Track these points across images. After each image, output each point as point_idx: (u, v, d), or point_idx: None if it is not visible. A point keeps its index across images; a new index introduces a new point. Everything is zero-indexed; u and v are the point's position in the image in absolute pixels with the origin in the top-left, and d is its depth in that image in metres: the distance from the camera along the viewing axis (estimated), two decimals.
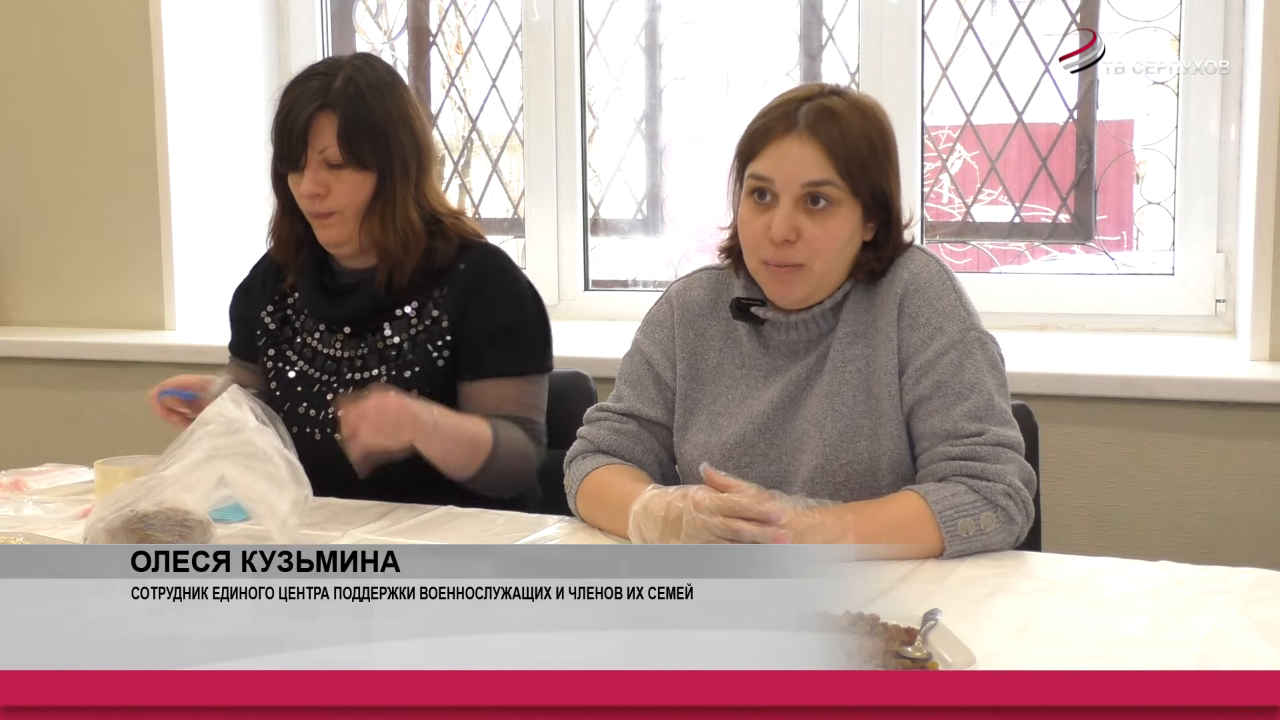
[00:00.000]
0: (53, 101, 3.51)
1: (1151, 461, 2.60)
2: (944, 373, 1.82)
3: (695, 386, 1.98)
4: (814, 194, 1.83)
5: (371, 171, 2.15)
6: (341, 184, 2.14)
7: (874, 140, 1.85)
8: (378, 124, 2.14)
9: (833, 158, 1.82)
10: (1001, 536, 1.77)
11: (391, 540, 1.88)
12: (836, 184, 1.83)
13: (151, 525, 1.78)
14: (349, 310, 2.22)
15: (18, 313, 3.64)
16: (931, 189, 3.15)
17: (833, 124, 1.83)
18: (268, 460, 1.84)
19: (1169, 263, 2.94)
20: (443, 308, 2.20)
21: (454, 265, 2.21)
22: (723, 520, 1.67)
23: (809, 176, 1.83)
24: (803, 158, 1.83)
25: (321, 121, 2.12)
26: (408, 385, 2.17)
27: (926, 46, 3.06)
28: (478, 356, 2.19)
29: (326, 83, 2.14)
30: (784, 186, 1.83)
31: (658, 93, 3.38)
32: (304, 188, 2.15)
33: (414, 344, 2.20)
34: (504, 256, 2.27)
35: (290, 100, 2.15)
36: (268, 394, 2.29)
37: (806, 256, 1.84)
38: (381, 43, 3.64)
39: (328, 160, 2.13)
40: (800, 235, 1.83)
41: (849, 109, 1.86)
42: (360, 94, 2.14)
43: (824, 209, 1.83)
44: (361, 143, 2.13)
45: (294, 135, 2.13)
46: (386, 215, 2.16)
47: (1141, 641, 1.43)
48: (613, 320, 3.22)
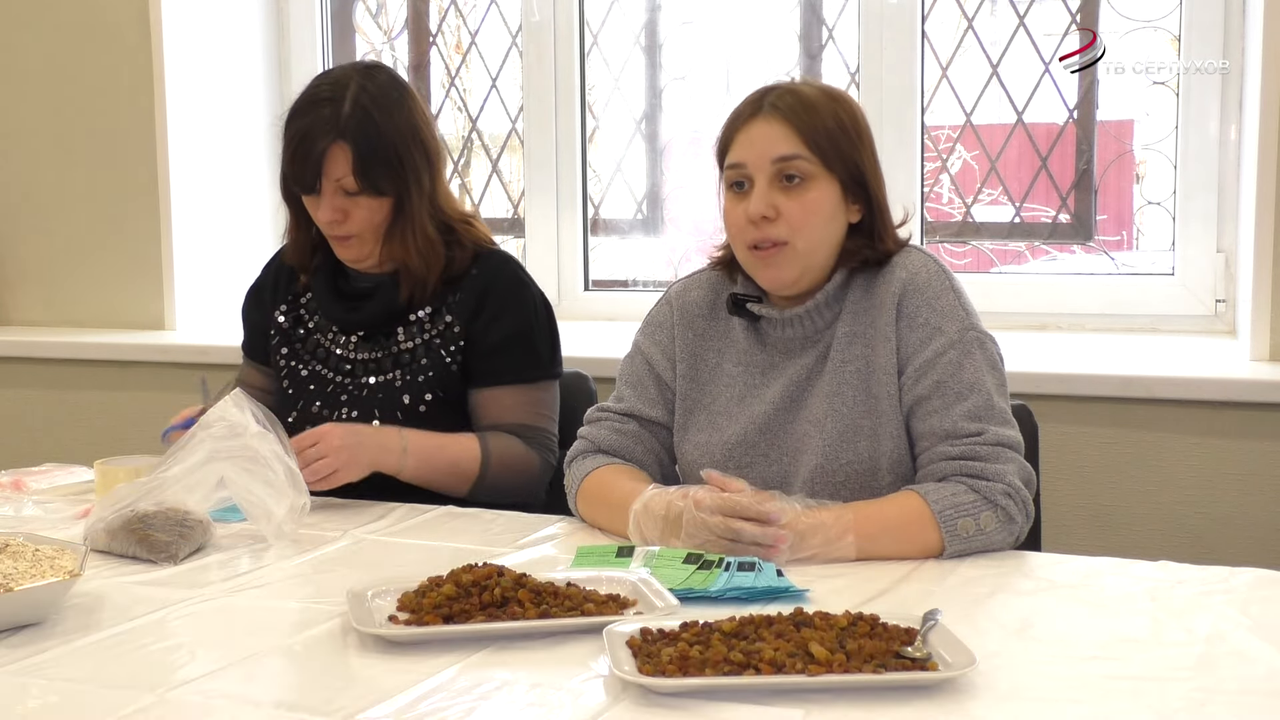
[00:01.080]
0: (53, 101, 3.51)
1: (1151, 461, 2.60)
2: (943, 372, 1.83)
3: (695, 387, 1.99)
4: (787, 171, 1.85)
5: (388, 196, 2.16)
6: (359, 209, 2.15)
7: (841, 118, 1.88)
8: (390, 148, 2.14)
9: (800, 133, 1.85)
10: (1001, 536, 1.77)
11: (391, 540, 1.88)
12: (806, 157, 1.85)
13: (151, 525, 1.78)
14: (365, 316, 2.23)
15: (18, 313, 3.64)
16: (931, 189, 3.15)
17: (798, 103, 1.87)
18: (267, 466, 1.85)
19: (1169, 263, 2.94)
20: (455, 312, 2.21)
21: (468, 271, 2.23)
22: (723, 520, 1.67)
23: (778, 152, 1.85)
24: (770, 135, 1.86)
25: (335, 154, 2.12)
26: (421, 390, 2.18)
27: (926, 46, 3.06)
28: (488, 364, 2.21)
29: (335, 110, 2.12)
30: (756, 167, 1.86)
31: (658, 93, 3.38)
32: (322, 214, 2.16)
33: (427, 348, 2.21)
34: (516, 264, 2.28)
35: (301, 130, 2.14)
36: (279, 394, 2.30)
37: (788, 233, 1.85)
38: (381, 43, 3.64)
39: (344, 188, 2.14)
40: (779, 212, 1.84)
41: (815, 92, 1.90)
42: (370, 118, 2.13)
43: (799, 185, 1.85)
44: (376, 171, 2.13)
45: (307, 164, 2.13)
46: (406, 234, 2.17)
47: (1141, 641, 1.43)
48: (613, 320, 3.22)
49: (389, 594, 1.54)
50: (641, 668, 1.29)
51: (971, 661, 1.30)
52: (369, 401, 2.20)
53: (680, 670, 1.28)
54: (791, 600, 1.55)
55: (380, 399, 2.19)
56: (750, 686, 1.28)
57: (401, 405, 2.18)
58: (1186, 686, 1.29)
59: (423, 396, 2.18)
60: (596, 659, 1.37)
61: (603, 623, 1.42)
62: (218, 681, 1.34)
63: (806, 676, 1.27)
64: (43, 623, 1.50)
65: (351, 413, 2.20)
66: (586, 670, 1.35)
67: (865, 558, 1.72)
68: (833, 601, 1.51)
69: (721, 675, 1.28)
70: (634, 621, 1.42)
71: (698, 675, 1.28)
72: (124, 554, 1.78)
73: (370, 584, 1.56)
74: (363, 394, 2.21)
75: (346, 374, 2.24)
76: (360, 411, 2.20)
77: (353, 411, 2.20)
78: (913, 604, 1.53)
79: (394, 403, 2.19)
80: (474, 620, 1.44)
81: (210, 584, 1.68)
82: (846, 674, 1.28)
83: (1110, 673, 1.33)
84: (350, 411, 2.20)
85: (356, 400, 2.21)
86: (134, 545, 1.77)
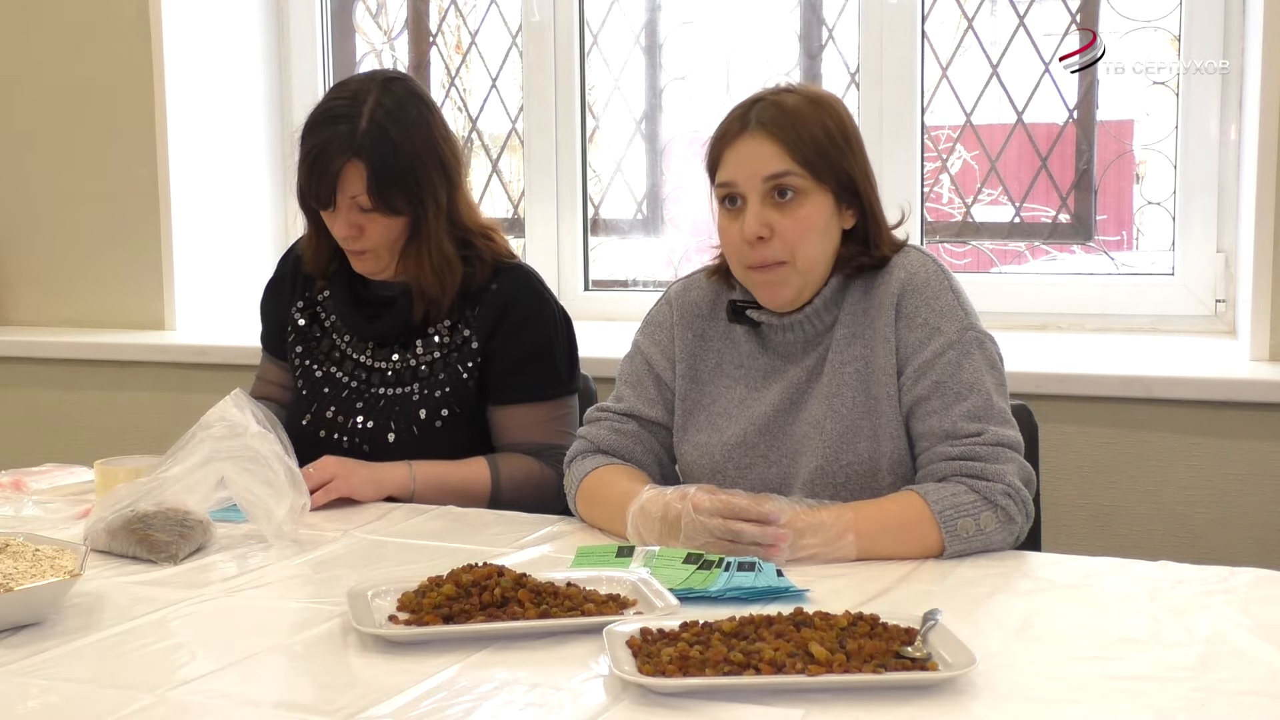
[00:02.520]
0: (53, 102, 3.51)
1: (1151, 461, 2.60)
2: (942, 372, 1.83)
3: (695, 387, 1.98)
4: (778, 186, 1.84)
5: (404, 215, 2.15)
6: (374, 225, 2.14)
7: (829, 127, 1.86)
8: (405, 166, 2.12)
9: (788, 148, 1.84)
10: (1001, 536, 1.77)
11: (391, 540, 1.88)
12: (797, 173, 1.84)
13: (151, 525, 1.78)
14: (382, 326, 2.22)
15: (18, 313, 3.64)
16: (931, 189, 3.15)
17: (783, 117, 1.85)
18: (267, 466, 1.85)
19: (1169, 263, 2.94)
20: (474, 328, 2.20)
21: (487, 286, 2.21)
22: (722, 522, 1.67)
23: (768, 169, 1.84)
24: (759, 153, 1.84)
25: (350, 172, 2.10)
26: (438, 405, 2.18)
27: (926, 46, 3.06)
28: (506, 381, 2.20)
29: (352, 127, 2.10)
30: (748, 186, 1.85)
31: (658, 93, 3.37)
32: (338, 230, 2.16)
33: (445, 363, 2.20)
34: (535, 278, 2.27)
35: (317, 146, 2.12)
36: (294, 393, 2.30)
37: (785, 253, 1.84)
38: (381, 43, 3.64)
39: (359, 205, 2.13)
40: (774, 231, 1.84)
41: (801, 102, 1.88)
42: (386, 135, 2.11)
43: (792, 200, 1.84)
44: (392, 190, 2.12)
45: (323, 180, 2.12)
46: (422, 252, 2.16)
47: (1141, 641, 1.43)
48: (613, 320, 3.22)
49: (389, 594, 1.54)
50: (641, 668, 1.29)
51: (971, 661, 1.30)
52: (385, 412, 2.19)
53: (680, 670, 1.28)
54: (791, 600, 1.55)
55: (397, 411, 2.19)
56: (750, 686, 1.28)
57: (418, 420, 2.18)
58: (1186, 686, 1.29)
59: (439, 411, 2.18)
60: (596, 659, 1.37)
61: (603, 623, 1.41)
62: (218, 681, 1.34)
63: (806, 676, 1.27)
64: (43, 623, 1.50)
65: (367, 422, 2.19)
66: (586, 670, 1.35)
67: (865, 558, 1.72)
68: (833, 601, 1.51)
69: (721, 675, 1.28)
70: (634, 621, 1.42)
71: (698, 675, 1.28)
72: (124, 554, 1.78)
73: (370, 584, 1.56)
74: (379, 404, 2.20)
75: (362, 381, 2.24)
76: (376, 421, 2.19)
77: (368, 421, 2.19)
78: (913, 604, 1.53)
79: (410, 416, 2.18)
80: (474, 620, 1.44)
81: (210, 584, 1.68)
82: (846, 674, 1.28)
83: (1110, 673, 1.33)
84: (366, 420, 2.20)
85: (373, 409, 2.20)
86: (134, 545, 1.77)
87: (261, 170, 3.54)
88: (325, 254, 2.27)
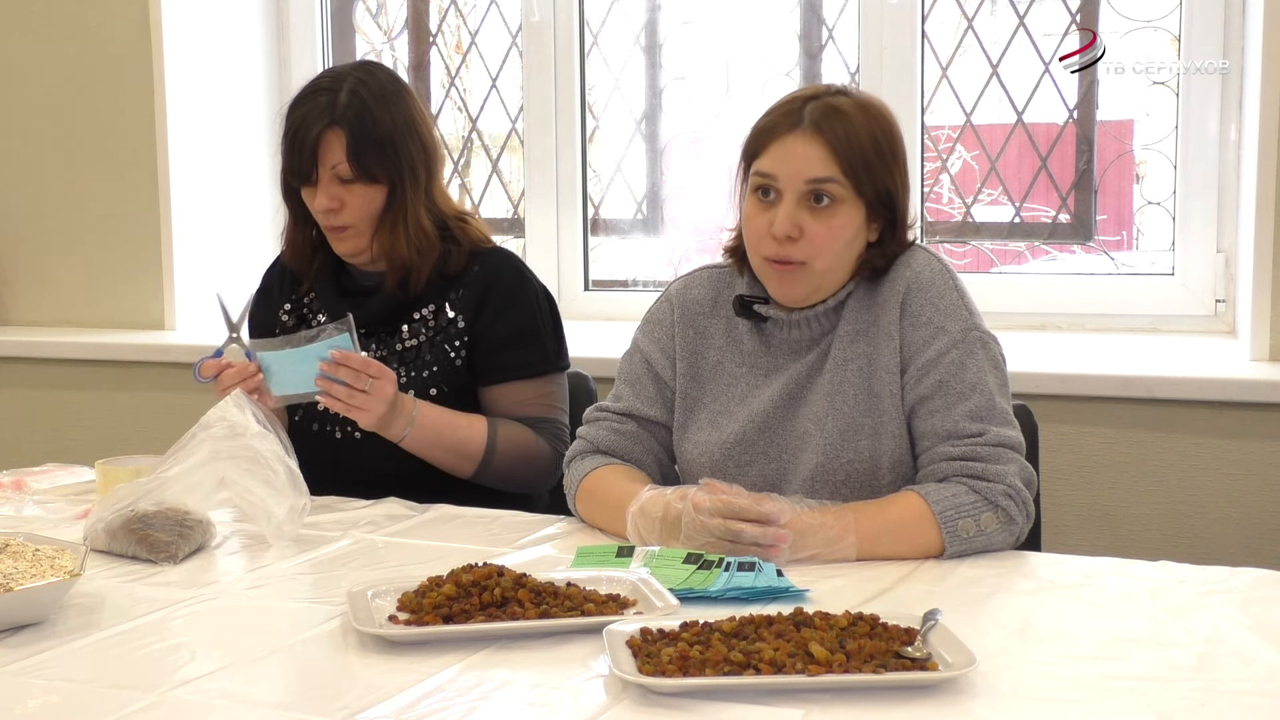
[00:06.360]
0: (53, 102, 3.51)
1: (1151, 461, 2.60)
2: (945, 372, 1.82)
3: (695, 385, 1.98)
4: (817, 191, 1.83)
5: (382, 184, 2.18)
6: (354, 197, 2.17)
7: (879, 140, 1.86)
8: (385, 136, 2.17)
9: (837, 156, 1.83)
10: (1002, 537, 1.77)
11: (391, 540, 1.88)
12: (840, 182, 1.83)
13: (152, 525, 1.78)
14: (367, 313, 2.23)
15: (18, 313, 3.64)
16: (931, 189, 3.15)
17: (838, 122, 1.84)
18: (267, 466, 1.85)
19: (1169, 263, 2.94)
20: (458, 308, 2.22)
21: (468, 269, 2.24)
22: (722, 522, 1.67)
23: (812, 173, 1.83)
24: (807, 155, 1.83)
25: (330, 139, 2.15)
26: (426, 385, 2.19)
27: (926, 46, 3.06)
28: (495, 360, 2.22)
29: (332, 98, 2.16)
30: (788, 184, 1.84)
31: (658, 93, 3.37)
32: (318, 203, 2.18)
33: (431, 345, 2.22)
34: (516, 260, 2.30)
35: (298, 118, 2.18)
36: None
37: (808, 255, 1.84)
38: (381, 43, 3.64)
39: (339, 175, 2.16)
40: (803, 233, 1.83)
41: (855, 108, 1.86)
42: (366, 107, 2.16)
43: (827, 207, 1.84)
44: (370, 157, 2.15)
45: (304, 152, 2.16)
46: (398, 224, 2.19)
47: (1141, 641, 1.43)
48: (613, 320, 3.23)
49: (389, 594, 1.54)
50: (641, 668, 1.29)
51: (971, 661, 1.30)
52: None
53: (680, 670, 1.28)
54: (791, 600, 1.55)
55: None
56: (750, 686, 1.28)
57: None
58: (1186, 686, 1.30)
59: (427, 392, 2.19)
60: (596, 659, 1.37)
61: (603, 623, 1.42)
62: (218, 681, 1.35)
63: (806, 676, 1.27)
64: (43, 623, 1.50)
65: None
66: (586, 670, 1.35)
67: (865, 558, 1.72)
68: (833, 601, 1.51)
69: (721, 675, 1.28)
70: (634, 621, 1.42)
71: (698, 675, 1.28)
72: (124, 554, 1.78)
73: (370, 584, 1.57)
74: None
75: None
76: None
77: None
78: (913, 604, 1.53)
79: None
80: (474, 620, 1.44)
81: (210, 584, 1.68)
82: (846, 674, 1.28)
83: (1110, 673, 1.33)
84: None
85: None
86: (134, 545, 1.77)
87: (261, 170, 3.54)
88: (306, 245, 2.30)
